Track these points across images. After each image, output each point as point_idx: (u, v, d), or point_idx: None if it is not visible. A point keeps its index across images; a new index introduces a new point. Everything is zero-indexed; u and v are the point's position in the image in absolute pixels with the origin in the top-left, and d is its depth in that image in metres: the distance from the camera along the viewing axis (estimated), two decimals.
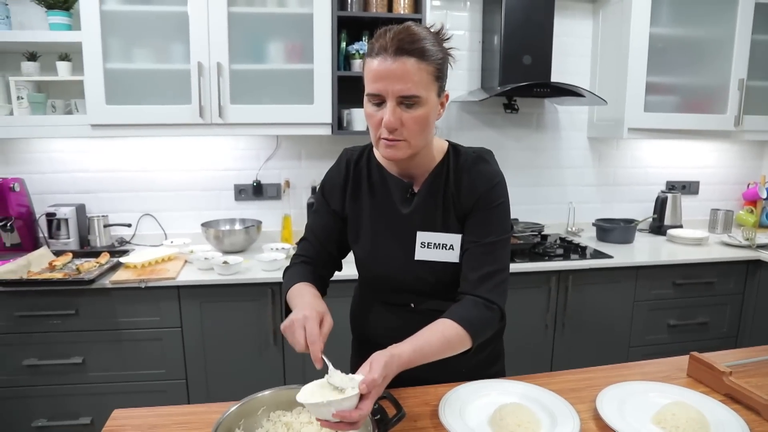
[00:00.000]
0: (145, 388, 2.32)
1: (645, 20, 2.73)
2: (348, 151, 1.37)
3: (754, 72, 2.92)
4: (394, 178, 1.28)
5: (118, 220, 2.77)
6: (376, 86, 1.10)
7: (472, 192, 1.24)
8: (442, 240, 1.26)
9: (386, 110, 1.11)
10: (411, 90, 1.09)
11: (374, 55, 1.10)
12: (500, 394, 1.19)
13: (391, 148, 1.15)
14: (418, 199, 1.27)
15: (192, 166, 2.83)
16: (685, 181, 3.40)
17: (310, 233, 1.38)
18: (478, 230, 1.24)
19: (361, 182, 1.32)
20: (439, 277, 1.27)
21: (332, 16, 2.40)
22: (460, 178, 1.25)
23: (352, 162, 1.33)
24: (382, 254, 1.30)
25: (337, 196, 1.33)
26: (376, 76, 1.10)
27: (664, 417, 1.09)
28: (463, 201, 1.25)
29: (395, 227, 1.28)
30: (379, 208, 1.30)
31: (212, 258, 2.41)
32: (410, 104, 1.11)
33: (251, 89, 2.44)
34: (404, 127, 1.12)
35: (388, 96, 1.10)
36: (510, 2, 2.60)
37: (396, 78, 1.08)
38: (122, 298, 2.24)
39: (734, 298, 2.83)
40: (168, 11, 2.35)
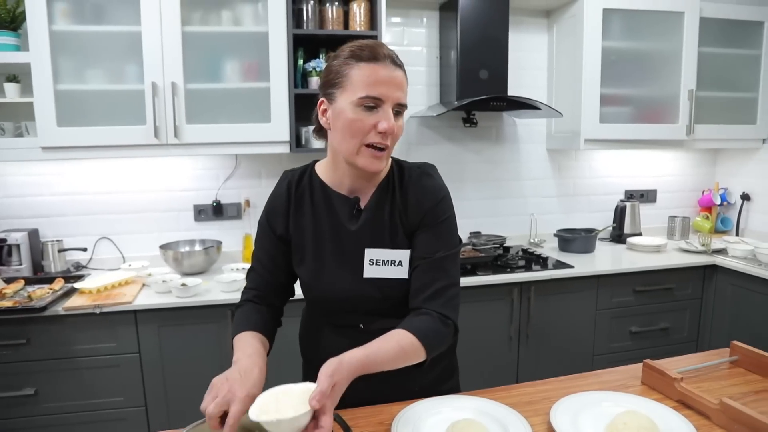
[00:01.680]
0: (103, 417, 2.25)
1: (597, 34, 2.80)
2: (288, 173, 1.33)
3: (702, 83, 3.02)
4: (339, 195, 1.26)
5: (73, 244, 2.70)
6: (378, 90, 1.10)
7: (418, 208, 1.24)
8: (391, 256, 1.24)
9: (384, 115, 1.10)
10: (405, 98, 1.14)
11: (373, 61, 1.11)
12: (454, 411, 1.18)
13: (377, 158, 1.14)
14: (365, 215, 1.25)
15: (150, 187, 2.78)
16: (643, 190, 3.48)
17: (257, 263, 1.33)
18: (427, 246, 1.23)
19: (303, 203, 1.28)
20: (388, 295, 1.25)
21: (288, 34, 2.40)
22: (406, 194, 1.25)
23: (294, 183, 1.29)
24: (329, 274, 1.26)
25: (280, 220, 1.29)
26: (380, 80, 1.10)
27: (616, 427, 1.09)
28: (410, 216, 1.24)
29: (342, 245, 1.25)
30: (324, 226, 1.26)
31: (170, 281, 2.36)
32: (399, 113, 1.14)
33: (207, 108, 2.42)
34: (392, 136, 1.13)
35: (387, 101, 1.10)
36: (465, 18, 2.63)
37: (396, 85, 1.12)
38: (77, 324, 2.17)
39: (693, 303, 2.89)
40: (120, 31, 2.31)
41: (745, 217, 3.39)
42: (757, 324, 2.64)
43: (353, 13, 2.52)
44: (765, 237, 3.20)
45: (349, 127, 1.12)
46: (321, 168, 1.31)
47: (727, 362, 1.47)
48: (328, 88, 1.17)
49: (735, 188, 3.44)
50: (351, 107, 1.11)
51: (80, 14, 2.28)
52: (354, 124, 1.12)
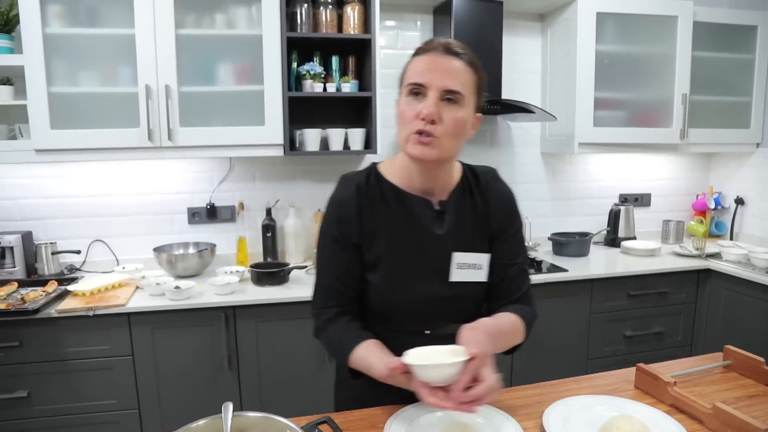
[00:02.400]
0: (95, 420, 2.24)
1: (591, 38, 2.81)
2: (350, 177, 1.26)
3: (696, 87, 3.03)
4: (416, 198, 1.22)
5: (67, 246, 2.69)
6: (420, 77, 1.10)
7: (500, 213, 1.27)
8: (475, 260, 1.25)
9: (427, 101, 1.09)
10: (456, 85, 1.09)
11: (424, 52, 1.13)
12: (446, 414, 1.18)
13: (424, 145, 1.10)
14: (449, 218, 1.24)
15: (144, 190, 2.77)
16: (637, 194, 3.48)
17: (332, 278, 1.25)
18: (513, 251, 1.29)
19: (375, 207, 1.23)
20: (465, 297, 1.27)
21: (282, 37, 2.40)
22: (486, 198, 1.27)
23: (363, 186, 1.23)
24: (408, 279, 1.23)
25: (354, 227, 1.22)
26: (423, 68, 1.11)
27: (609, 431, 1.09)
28: (492, 221, 1.27)
29: (425, 249, 1.23)
30: (403, 231, 1.22)
31: (164, 283, 2.35)
32: (452, 100, 1.10)
33: (201, 111, 2.41)
34: (441, 124, 1.10)
35: (431, 87, 1.09)
36: (459, 21, 2.64)
37: (443, 71, 1.09)
38: (70, 327, 2.17)
39: (687, 307, 2.90)
40: (114, 34, 2.31)
41: (739, 221, 3.40)
42: (751, 328, 2.64)
43: (347, 17, 2.52)
44: (759, 241, 3.21)
45: (399, 117, 1.15)
46: (387, 170, 1.27)
47: (721, 367, 1.47)
48: (399, 87, 1.19)
49: (729, 192, 3.45)
50: (403, 98, 1.14)
51: (74, 17, 2.28)
52: (403, 114, 1.13)
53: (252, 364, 2.35)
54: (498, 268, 1.28)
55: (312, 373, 2.41)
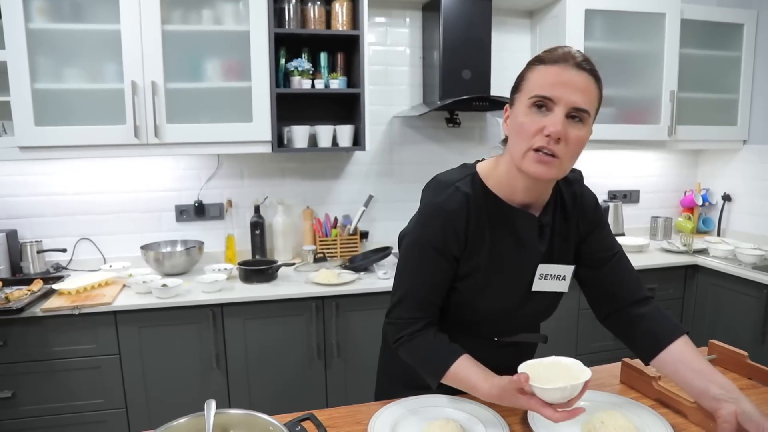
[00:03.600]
0: (82, 420, 2.23)
1: (579, 35, 2.81)
2: (455, 182, 1.16)
3: (684, 84, 3.04)
4: (519, 212, 1.17)
5: (53, 245, 2.67)
6: (550, 90, 1.02)
7: (588, 215, 1.26)
8: (558, 271, 1.23)
9: (553, 117, 1.02)
10: (585, 103, 1.03)
11: (550, 63, 1.04)
12: (431, 410, 1.18)
13: (545, 164, 1.04)
14: (547, 234, 1.21)
15: (131, 188, 2.75)
16: (626, 190, 3.50)
17: (425, 290, 1.19)
18: (607, 243, 1.28)
19: (482, 221, 1.16)
20: (546, 304, 1.28)
21: (269, 33, 2.39)
22: (581, 208, 1.26)
23: (472, 196, 1.15)
24: (497, 290, 1.20)
25: (460, 240, 1.15)
26: (555, 81, 1.02)
27: (593, 425, 1.09)
28: (581, 228, 1.26)
29: (524, 264, 1.20)
30: (506, 245, 1.18)
31: (151, 281, 2.34)
32: (578, 119, 1.04)
33: (188, 108, 2.40)
34: (565, 144, 1.03)
35: (560, 103, 1.02)
36: (448, 18, 2.63)
37: (575, 88, 1.02)
38: (55, 326, 2.15)
39: (675, 303, 2.91)
40: (99, 29, 2.28)
41: (726, 217, 3.42)
42: (738, 323, 2.66)
43: (335, 13, 2.51)
44: (746, 237, 3.23)
45: (518, 130, 1.06)
46: (491, 178, 1.18)
47: None
48: (512, 94, 1.12)
49: (716, 189, 3.47)
50: (524, 109, 1.06)
51: (58, 12, 2.25)
52: (522, 126, 1.05)
53: (240, 362, 2.34)
54: (598, 261, 1.26)
55: (300, 371, 2.41)
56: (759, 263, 2.71)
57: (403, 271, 1.21)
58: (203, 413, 0.98)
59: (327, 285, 2.38)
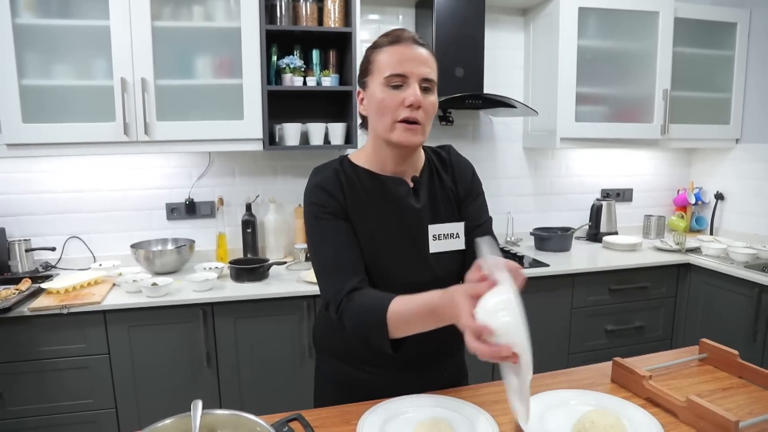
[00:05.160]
0: (71, 420, 2.20)
1: (573, 33, 2.81)
2: (324, 165, 1.30)
3: (677, 83, 3.05)
4: (390, 178, 1.27)
5: (42, 243, 2.64)
6: (402, 67, 1.16)
7: (463, 181, 1.35)
8: (450, 230, 1.31)
9: (410, 89, 1.16)
10: (430, 74, 1.19)
11: (392, 44, 1.18)
12: (420, 410, 1.17)
13: (411, 131, 1.17)
14: (423, 193, 1.30)
15: (121, 186, 2.72)
16: (619, 189, 3.50)
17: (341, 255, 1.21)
18: (478, 214, 1.36)
19: (355, 189, 1.26)
20: (448, 267, 1.31)
21: (261, 30, 2.37)
22: (452, 171, 1.35)
23: (339, 170, 1.27)
24: (393, 256, 1.27)
25: (342, 203, 1.24)
26: (402, 58, 1.16)
27: (583, 425, 1.09)
28: (459, 190, 1.34)
29: (408, 225, 1.28)
30: (386, 208, 1.27)
31: (141, 280, 2.31)
32: (428, 89, 1.19)
33: (179, 105, 2.37)
34: (424, 111, 1.17)
35: (412, 77, 1.16)
36: (441, 16, 2.62)
37: (421, 61, 1.17)
38: (43, 325, 2.12)
39: (667, 301, 2.92)
40: (88, 25, 2.26)
41: (719, 216, 3.42)
42: (730, 322, 2.66)
43: (327, 10, 2.49)
44: (738, 236, 3.24)
45: (379, 106, 1.18)
46: (359, 158, 1.31)
47: (697, 360, 1.48)
48: (361, 77, 1.26)
49: (709, 188, 3.48)
50: (380, 88, 1.18)
51: (46, 7, 2.23)
52: (383, 102, 1.17)
53: (231, 361, 2.32)
54: (466, 231, 1.33)
55: (291, 370, 2.39)
56: (751, 262, 2.71)
57: (313, 251, 1.27)
58: (190, 414, 0.97)
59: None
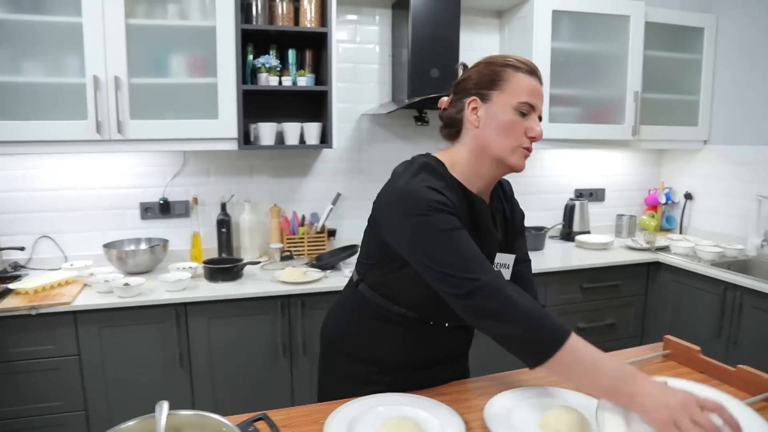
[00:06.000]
0: (40, 423, 2.17)
1: (546, 35, 2.85)
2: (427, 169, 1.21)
3: (648, 85, 3.11)
4: (477, 198, 1.25)
5: (11, 243, 2.59)
6: (531, 98, 1.19)
7: (518, 215, 1.42)
8: (507, 260, 1.35)
9: (534, 121, 1.20)
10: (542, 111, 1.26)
11: (530, 74, 1.20)
12: (388, 408, 1.18)
13: (526, 159, 1.23)
14: (499, 221, 1.34)
15: (94, 184, 2.69)
16: (592, 189, 3.55)
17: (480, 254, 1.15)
18: (524, 249, 1.42)
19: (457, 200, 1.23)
20: None
21: (236, 29, 2.36)
22: (512, 203, 1.42)
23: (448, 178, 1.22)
24: None
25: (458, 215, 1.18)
26: (533, 91, 1.20)
27: (547, 422, 1.11)
28: (516, 223, 1.40)
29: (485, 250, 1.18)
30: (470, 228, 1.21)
31: (112, 280, 2.29)
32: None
33: (153, 104, 2.35)
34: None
35: (537, 110, 1.21)
36: (416, 17, 2.64)
37: (542, 99, 1.23)
38: (11, 327, 2.09)
39: (637, 299, 2.98)
40: (60, 22, 2.22)
41: (688, 215, 3.50)
42: (696, 318, 2.73)
43: (303, 9, 2.48)
44: (706, 235, 3.32)
45: (505, 128, 1.19)
46: (453, 166, 1.24)
47: (660, 356, 1.51)
48: (482, 88, 1.22)
49: (679, 188, 3.55)
50: (509, 110, 1.19)
51: (16, 2, 2.19)
52: (512, 125, 1.19)
53: (204, 362, 2.31)
54: (515, 264, 1.37)
55: (266, 370, 2.39)
56: (717, 260, 2.78)
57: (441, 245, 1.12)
58: (154, 415, 0.97)
59: (293, 283, 2.37)
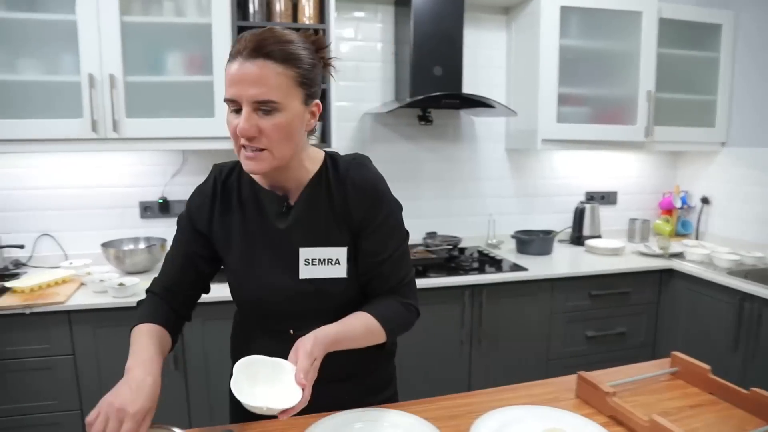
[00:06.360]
0: (34, 422, 2.16)
1: (554, 32, 2.76)
2: (217, 167, 1.26)
3: (661, 84, 3.00)
4: (266, 192, 1.19)
5: (12, 241, 2.58)
6: (231, 91, 1.03)
7: (360, 203, 1.18)
8: (327, 255, 1.19)
9: (241, 117, 1.03)
10: (266, 95, 1.01)
11: (232, 59, 1.03)
12: (369, 424, 1.12)
13: (252, 160, 1.06)
14: (295, 212, 1.18)
15: (94, 183, 2.67)
16: (603, 192, 3.45)
17: (168, 262, 1.29)
18: (376, 247, 1.20)
19: (230, 199, 1.22)
20: (325, 295, 1.20)
21: (232, 26, 2.31)
22: (343, 188, 1.19)
23: (221, 178, 1.23)
24: (260, 275, 1.20)
25: (204, 214, 1.22)
26: (232, 80, 1.02)
27: None
28: (352, 212, 1.19)
29: (273, 245, 1.19)
30: (251, 225, 1.20)
31: (108, 280, 2.26)
32: (267, 110, 1.03)
33: (149, 102, 2.32)
34: (263, 136, 1.04)
35: (243, 101, 1.02)
36: (419, 14, 2.57)
37: (250, 82, 1.00)
38: (7, 325, 2.08)
39: (649, 307, 2.87)
40: (55, 19, 2.20)
41: (704, 220, 3.38)
42: (712, 329, 2.61)
43: (302, 6, 2.43)
44: (724, 241, 3.19)
45: (228, 129, 1.09)
46: None
47: (668, 374, 1.42)
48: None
49: (695, 191, 3.43)
50: (227, 111, 1.08)
51: (12, 0, 2.17)
52: (228, 127, 1.08)
53: (199, 364, 2.28)
54: (363, 265, 1.21)
55: None
56: (734, 268, 2.67)
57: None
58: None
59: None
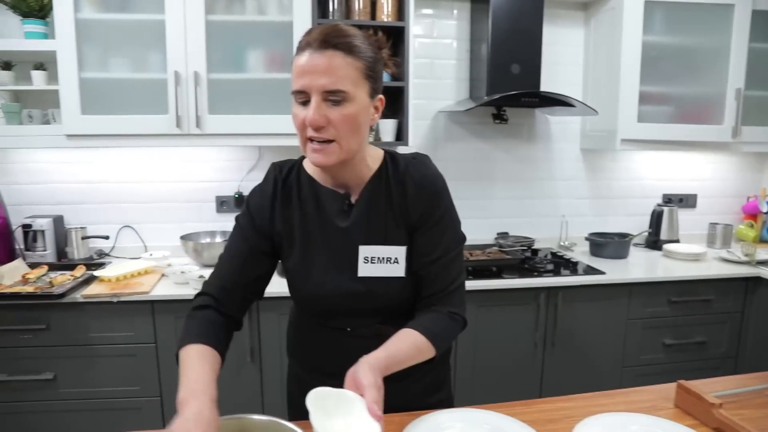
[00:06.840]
0: (118, 406, 2.25)
1: (637, 28, 2.66)
2: (275, 166, 1.25)
3: (751, 81, 2.83)
4: (327, 190, 1.19)
5: (97, 232, 2.71)
6: (300, 82, 1.03)
7: (418, 201, 1.18)
8: (386, 253, 1.18)
9: (310, 107, 1.03)
10: (336, 84, 1.02)
11: (300, 50, 1.05)
12: (468, 426, 1.10)
13: (320, 152, 1.06)
14: (356, 210, 1.18)
15: (173, 177, 2.77)
16: (682, 194, 3.31)
17: (222, 265, 1.24)
18: (429, 246, 1.19)
19: (291, 197, 1.21)
20: (381, 294, 1.19)
21: (313, 23, 2.34)
22: (403, 186, 1.18)
23: (281, 177, 1.22)
24: (318, 273, 1.19)
25: (265, 212, 1.20)
26: (301, 71, 1.03)
27: None
28: (410, 210, 1.18)
29: (332, 243, 1.18)
30: (313, 224, 1.19)
31: (188, 272, 2.34)
32: (337, 100, 1.03)
33: (230, 99, 2.38)
34: (332, 126, 1.04)
35: (312, 91, 1.02)
36: (497, 10, 2.53)
37: (321, 72, 1.01)
38: (95, 312, 2.17)
39: (733, 317, 2.73)
40: (144, 19, 2.29)
41: None
42: None
43: (381, 4, 2.44)
44: None
45: (294, 125, 1.09)
46: (307, 163, 1.24)
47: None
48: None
49: None
50: (293, 104, 1.08)
51: (105, 2, 2.28)
52: (294, 120, 1.08)
53: (275, 357, 2.31)
54: (415, 263, 1.19)
55: None
56: None
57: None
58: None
59: None
